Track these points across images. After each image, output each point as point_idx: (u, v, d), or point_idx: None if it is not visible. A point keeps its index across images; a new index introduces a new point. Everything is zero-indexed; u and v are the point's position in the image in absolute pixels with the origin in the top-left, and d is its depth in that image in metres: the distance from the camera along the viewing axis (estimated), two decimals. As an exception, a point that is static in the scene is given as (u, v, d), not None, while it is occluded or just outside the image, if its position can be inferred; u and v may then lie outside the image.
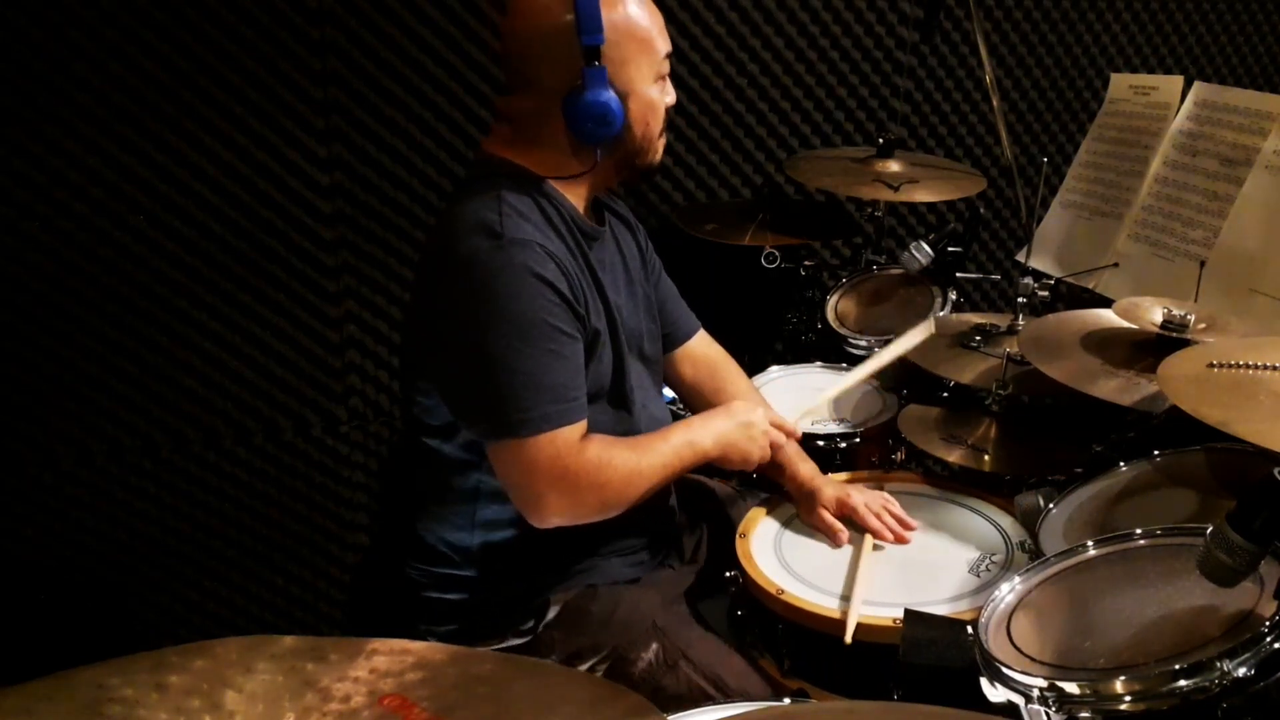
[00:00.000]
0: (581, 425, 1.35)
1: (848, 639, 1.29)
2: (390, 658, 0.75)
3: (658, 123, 1.43)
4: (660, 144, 1.46)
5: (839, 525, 1.50)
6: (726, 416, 1.51)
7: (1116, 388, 1.44)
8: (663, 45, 1.41)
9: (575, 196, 1.43)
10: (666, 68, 1.43)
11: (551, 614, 1.46)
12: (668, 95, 1.44)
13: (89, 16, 1.89)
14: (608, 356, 1.44)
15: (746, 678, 1.39)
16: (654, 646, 1.42)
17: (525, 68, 1.37)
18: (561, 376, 1.33)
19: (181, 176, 2.02)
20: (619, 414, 1.48)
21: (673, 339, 1.69)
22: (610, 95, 1.33)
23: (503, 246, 1.30)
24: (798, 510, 1.58)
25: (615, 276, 1.50)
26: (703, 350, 1.72)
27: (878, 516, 1.50)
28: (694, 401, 1.73)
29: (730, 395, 1.68)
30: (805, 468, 1.57)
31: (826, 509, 1.52)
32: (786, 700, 1.20)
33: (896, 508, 1.53)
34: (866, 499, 1.52)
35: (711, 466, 1.53)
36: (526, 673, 0.80)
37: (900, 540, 1.49)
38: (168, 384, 2.12)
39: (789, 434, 1.56)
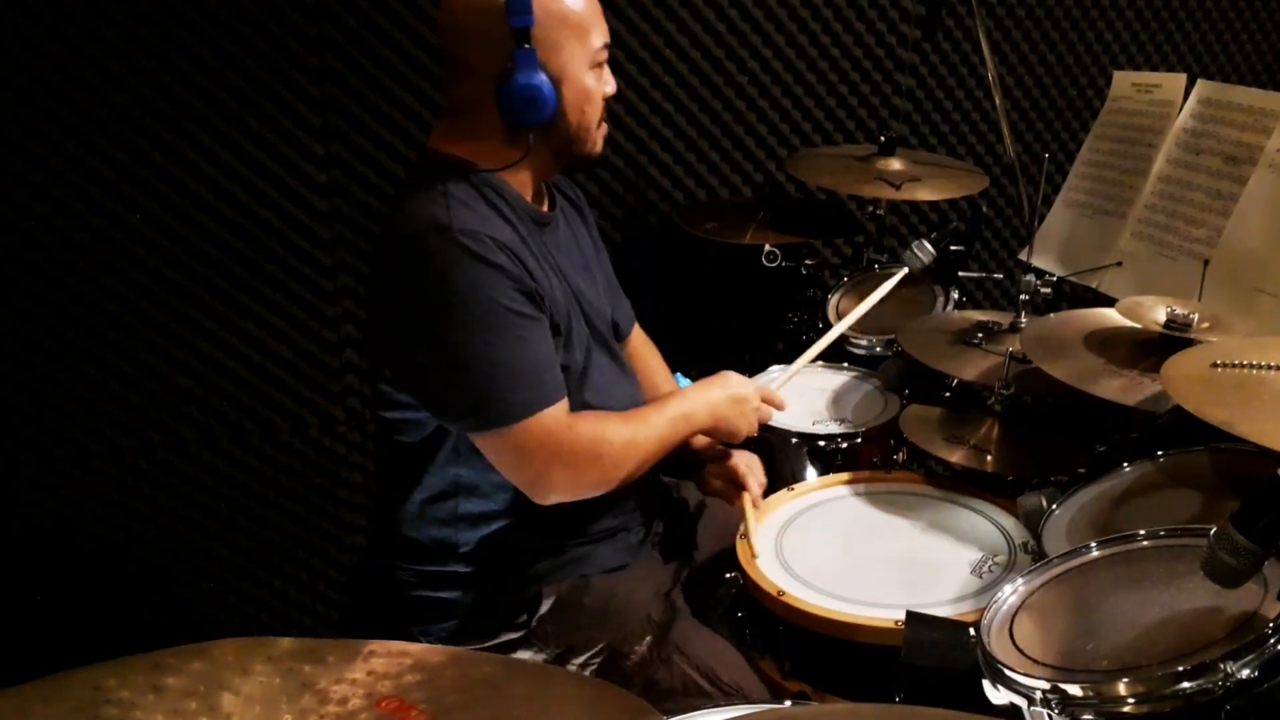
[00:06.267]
0: (563, 403, 1.36)
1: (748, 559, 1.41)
2: (388, 660, 0.75)
3: (595, 111, 1.42)
4: (599, 134, 1.45)
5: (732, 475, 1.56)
6: (721, 388, 1.52)
7: (1120, 387, 1.43)
8: (599, 33, 1.40)
9: (520, 184, 1.42)
10: (604, 56, 1.41)
11: (545, 607, 1.45)
12: (606, 84, 1.43)
13: (87, 15, 1.88)
14: (578, 339, 1.44)
15: (740, 671, 1.40)
16: (647, 640, 1.42)
17: (458, 52, 1.37)
18: (534, 360, 1.33)
19: (178, 175, 2.02)
20: (593, 394, 1.47)
21: (618, 331, 1.69)
22: (541, 78, 1.32)
23: (451, 239, 1.29)
24: (696, 481, 1.63)
25: (572, 259, 1.50)
26: (637, 343, 1.75)
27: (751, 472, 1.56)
28: None
29: (654, 388, 1.70)
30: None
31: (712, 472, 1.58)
32: (788, 702, 1.19)
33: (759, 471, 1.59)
34: (746, 460, 1.58)
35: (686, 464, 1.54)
36: (525, 675, 0.80)
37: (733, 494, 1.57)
38: (164, 384, 2.12)
39: (778, 407, 1.60)
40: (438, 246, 1.29)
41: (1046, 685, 0.99)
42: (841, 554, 1.48)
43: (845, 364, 2.10)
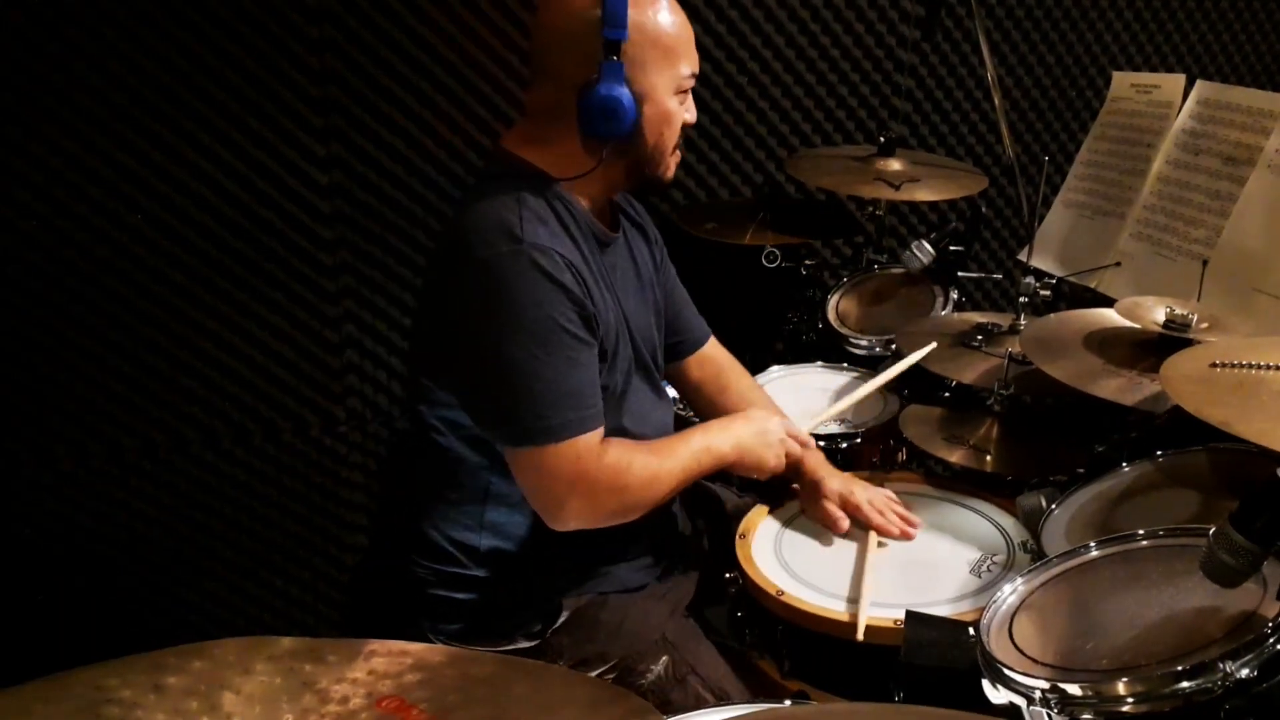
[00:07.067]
0: (599, 431, 1.36)
1: (859, 636, 1.29)
2: (389, 659, 0.75)
3: (673, 135, 1.43)
4: (673, 160, 1.46)
5: (840, 514, 1.50)
6: (745, 422, 1.52)
7: (1119, 387, 1.43)
8: (688, 61, 1.40)
9: (587, 200, 1.43)
10: (690, 84, 1.42)
11: (561, 619, 1.45)
12: (687, 111, 1.44)
13: (88, 15, 1.88)
14: (621, 362, 1.44)
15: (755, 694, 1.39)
16: (663, 659, 1.42)
17: (546, 58, 1.38)
18: (580, 384, 1.33)
19: (180, 175, 2.01)
20: (627, 419, 1.48)
21: (686, 346, 1.70)
22: (624, 91, 1.33)
23: (522, 251, 1.30)
24: (800, 500, 1.57)
25: (627, 282, 1.50)
26: (711, 354, 1.73)
27: (881, 513, 1.50)
28: (698, 403, 1.73)
29: (735, 396, 1.69)
30: (811, 457, 1.57)
31: (830, 500, 1.51)
32: (787, 702, 1.19)
33: (900, 505, 1.53)
34: (870, 495, 1.52)
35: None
36: (526, 675, 0.80)
37: (905, 537, 1.49)
38: (166, 384, 2.12)
39: (803, 444, 1.57)
40: (507, 255, 1.30)
41: (1046, 684, 0.99)
42: (841, 554, 1.48)
43: (845, 364, 2.10)
